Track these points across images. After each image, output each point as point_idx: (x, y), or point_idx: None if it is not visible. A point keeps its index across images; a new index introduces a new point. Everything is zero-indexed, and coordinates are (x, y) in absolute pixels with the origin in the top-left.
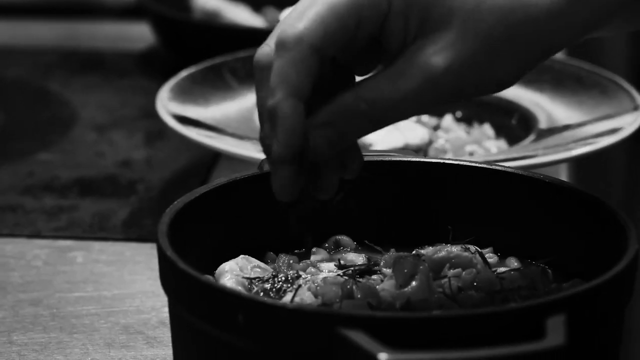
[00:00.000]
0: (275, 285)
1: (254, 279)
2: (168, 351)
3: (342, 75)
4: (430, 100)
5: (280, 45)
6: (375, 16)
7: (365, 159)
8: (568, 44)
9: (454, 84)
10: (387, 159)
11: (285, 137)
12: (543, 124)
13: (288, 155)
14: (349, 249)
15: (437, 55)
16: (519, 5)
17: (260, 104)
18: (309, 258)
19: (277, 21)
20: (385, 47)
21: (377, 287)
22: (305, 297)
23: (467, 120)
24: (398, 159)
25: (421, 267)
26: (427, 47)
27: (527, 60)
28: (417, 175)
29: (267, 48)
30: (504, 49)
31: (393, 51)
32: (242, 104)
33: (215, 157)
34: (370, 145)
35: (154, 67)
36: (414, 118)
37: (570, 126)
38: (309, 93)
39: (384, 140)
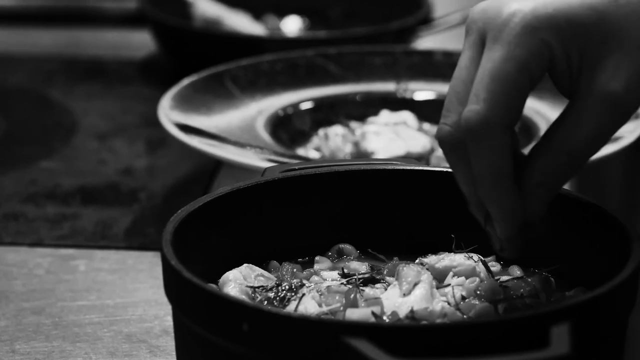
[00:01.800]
0: (279, 293)
1: (258, 287)
2: None
3: None
4: (620, 124)
5: (471, 134)
6: (542, 67)
7: (368, 167)
8: None
9: (637, 99)
10: (389, 167)
11: (508, 218)
12: (544, 131)
13: (515, 232)
14: (352, 258)
15: (612, 81)
16: None
17: (463, 182)
18: (312, 267)
19: (278, 29)
20: (553, 82)
21: (381, 295)
22: (309, 305)
23: None
24: (400, 167)
25: (424, 275)
26: (599, 77)
27: None
28: (419, 184)
29: (447, 128)
30: None
31: (561, 86)
32: (244, 112)
33: (217, 165)
34: (372, 153)
35: (155, 75)
36: (416, 127)
37: None
38: (512, 165)
39: (386, 148)
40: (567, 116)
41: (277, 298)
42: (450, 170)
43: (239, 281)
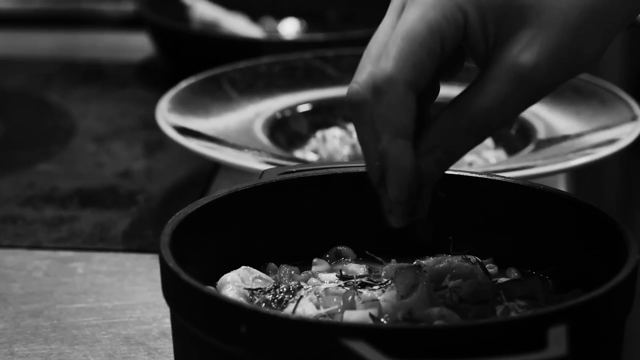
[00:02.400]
0: (277, 296)
1: (256, 290)
2: None
3: (430, 87)
4: (526, 100)
5: (376, 91)
6: (455, 32)
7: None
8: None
9: (546, 77)
10: None
11: (400, 178)
12: (542, 134)
13: (405, 195)
14: (349, 260)
15: (523, 53)
16: None
17: (361, 140)
18: (309, 269)
19: (276, 31)
20: (469, 54)
21: (379, 297)
22: (306, 307)
23: None
24: None
25: (422, 277)
26: (512, 48)
27: (607, 36)
28: None
29: (355, 86)
30: (584, 32)
31: (477, 57)
32: (242, 115)
33: (215, 167)
34: None
35: (153, 78)
36: None
37: (569, 136)
38: (413, 128)
39: None
40: (475, 83)
41: (275, 300)
42: (447, 172)
43: (237, 283)
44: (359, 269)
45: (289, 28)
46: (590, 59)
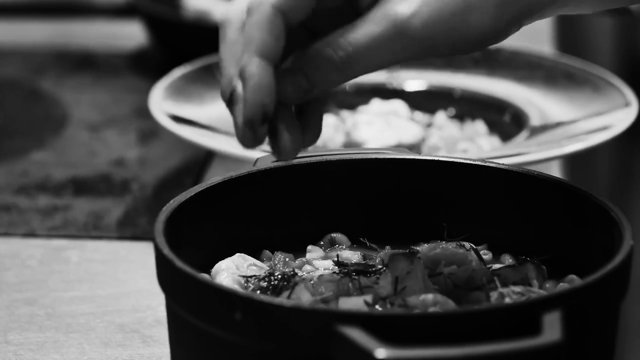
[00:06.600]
0: (272, 283)
1: (250, 277)
2: (164, 349)
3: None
4: (399, 50)
5: (248, 11)
6: None
7: (360, 156)
8: (551, 3)
9: (423, 33)
10: (380, 156)
11: (253, 95)
12: (535, 120)
13: (257, 115)
14: (344, 247)
15: (404, 2)
16: None
17: (222, 58)
18: (304, 256)
19: None
20: (358, 9)
21: (373, 284)
22: (301, 294)
23: (460, 117)
24: (392, 156)
25: (416, 264)
26: None
27: (502, 18)
28: (410, 173)
29: (237, 7)
30: (477, 2)
31: (363, 5)
32: None
33: (208, 155)
34: (363, 143)
35: (145, 66)
36: (407, 116)
37: (563, 123)
38: (277, 54)
39: (377, 138)
40: (353, 22)
41: (270, 287)
42: (441, 159)
43: (232, 270)
44: (354, 256)
45: None
46: (478, 34)
